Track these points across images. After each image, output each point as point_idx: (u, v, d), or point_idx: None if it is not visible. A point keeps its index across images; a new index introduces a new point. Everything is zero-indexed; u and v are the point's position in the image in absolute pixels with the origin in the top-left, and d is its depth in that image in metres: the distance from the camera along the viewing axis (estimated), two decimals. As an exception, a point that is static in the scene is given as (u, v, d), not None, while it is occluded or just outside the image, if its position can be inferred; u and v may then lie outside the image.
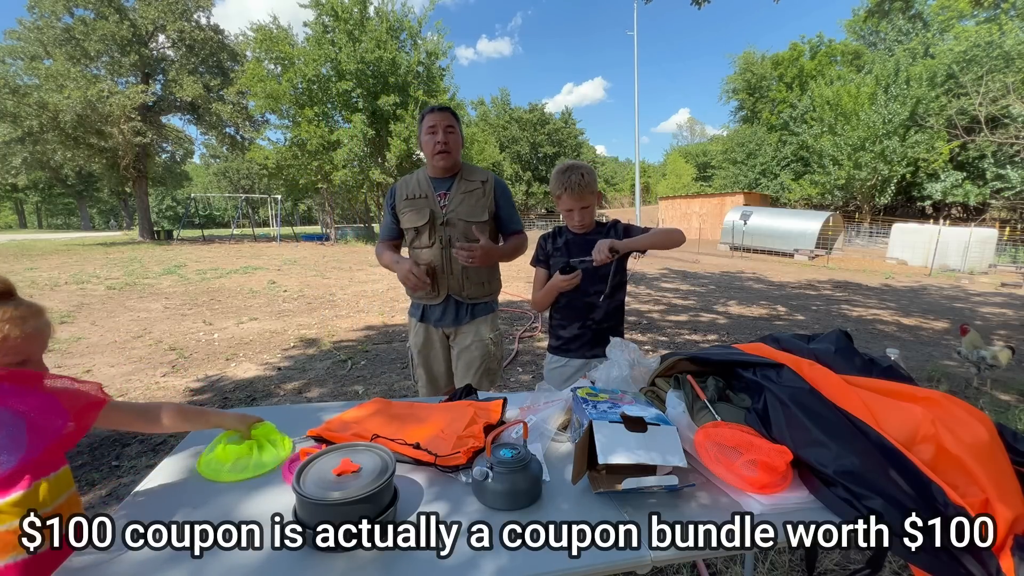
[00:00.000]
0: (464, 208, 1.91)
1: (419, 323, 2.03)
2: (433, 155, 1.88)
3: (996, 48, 19.06)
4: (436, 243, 1.91)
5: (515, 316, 6.24)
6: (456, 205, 1.91)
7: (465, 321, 1.99)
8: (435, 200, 1.91)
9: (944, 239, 13.45)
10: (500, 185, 2.01)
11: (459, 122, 1.95)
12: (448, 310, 1.98)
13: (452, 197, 1.91)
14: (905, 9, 8.16)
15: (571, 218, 1.86)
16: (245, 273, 10.20)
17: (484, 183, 1.95)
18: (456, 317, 1.99)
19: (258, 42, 18.41)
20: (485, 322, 2.02)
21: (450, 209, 1.90)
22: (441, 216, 1.90)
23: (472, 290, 1.96)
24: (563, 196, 1.81)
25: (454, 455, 1.06)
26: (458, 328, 2.00)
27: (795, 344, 1.29)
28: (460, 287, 1.95)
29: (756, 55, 34.94)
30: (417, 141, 1.98)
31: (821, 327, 6.03)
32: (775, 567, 1.86)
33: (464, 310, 1.99)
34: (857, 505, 0.87)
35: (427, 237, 1.91)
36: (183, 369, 4.12)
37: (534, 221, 35.90)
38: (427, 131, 1.89)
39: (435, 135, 1.87)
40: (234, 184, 44.02)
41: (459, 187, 1.92)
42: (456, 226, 1.89)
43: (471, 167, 2.01)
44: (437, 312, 1.99)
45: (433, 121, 1.88)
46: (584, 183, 1.77)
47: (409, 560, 0.80)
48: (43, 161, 19.20)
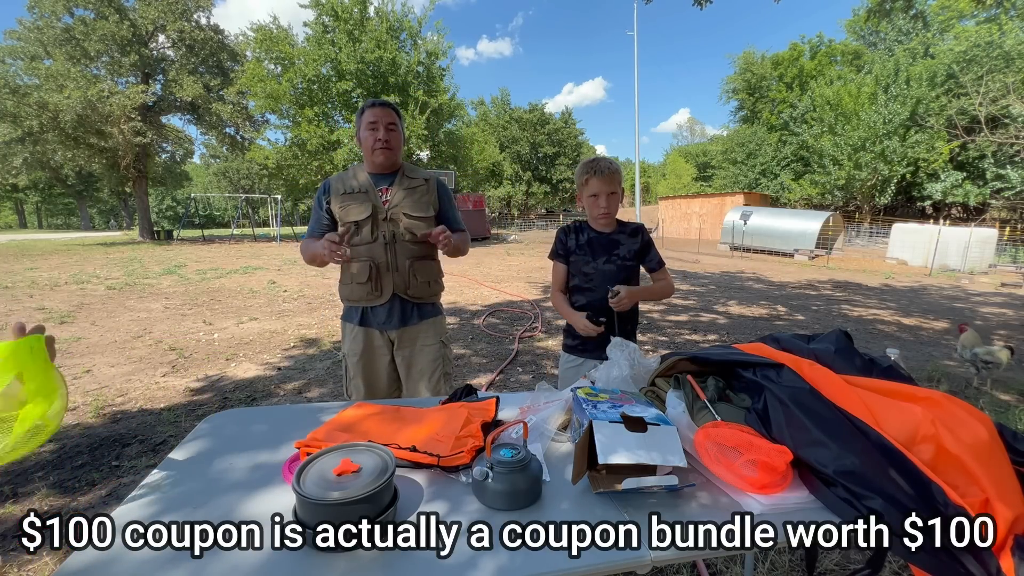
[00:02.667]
0: (408, 202, 1.84)
1: (357, 327, 1.88)
2: (372, 151, 1.80)
3: (996, 48, 19.07)
4: (379, 238, 1.82)
5: (515, 316, 6.24)
6: (399, 200, 1.83)
7: (413, 322, 1.89)
8: (376, 195, 1.83)
9: (944, 239, 13.45)
10: (443, 186, 1.96)
11: (401, 120, 1.88)
12: (393, 311, 1.86)
13: (395, 192, 1.84)
14: (906, 9, 8.15)
15: (596, 204, 1.83)
16: (245, 273, 10.20)
17: (427, 181, 1.91)
18: (403, 318, 1.87)
19: (258, 42, 18.43)
20: (435, 324, 1.93)
21: (392, 204, 1.83)
22: (384, 211, 1.82)
23: (418, 289, 1.87)
24: (591, 180, 1.81)
25: (457, 455, 1.05)
26: (404, 331, 1.88)
27: (795, 344, 1.29)
28: (406, 285, 1.84)
29: (756, 55, 34.99)
30: (356, 139, 1.90)
31: (821, 327, 6.03)
32: (775, 567, 1.87)
33: (411, 310, 1.88)
34: (857, 505, 0.87)
35: (369, 232, 1.82)
36: (183, 369, 4.12)
37: (534, 221, 35.91)
38: (367, 126, 1.80)
39: (376, 131, 1.79)
40: (234, 184, 44.02)
41: (401, 183, 1.86)
42: (399, 221, 1.82)
43: (412, 166, 1.95)
44: (381, 314, 1.86)
45: (374, 117, 1.79)
46: (613, 169, 1.81)
47: (409, 560, 0.80)
48: (43, 161, 19.20)
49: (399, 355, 1.92)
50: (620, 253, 1.88)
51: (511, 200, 38.71)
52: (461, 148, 22.27)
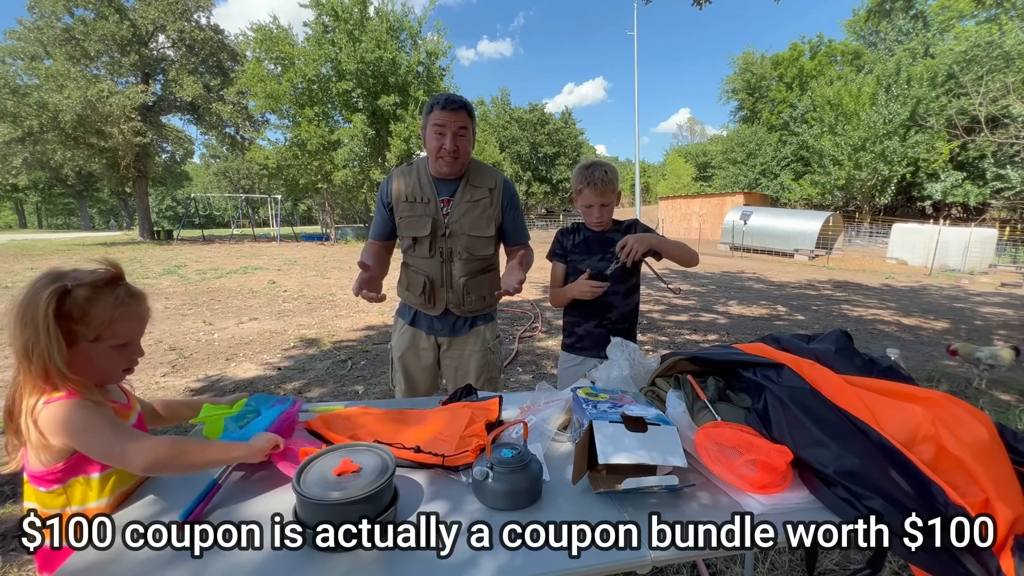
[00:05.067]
0: (468, 220, 1.72)
1: (408, 325, 1.85)
2: (437, 159, 1.66)
3: (996, 48, 19.06)
4: (436, 255, 1.73)
5: (515, 316, 6.24)
6: (460, 215, 1.71)
7: (463, 332, 1.84)
8: (438, 207, 1.71)
9: (944, 239, 13.44)
10: (509, 191, 1.81)
11: (474, 121, 1.69)
12: (445, 321, 1.82)
13: (456, 205, 1.72)
14: (906, 9, 8.15)
15: (591, 215, 1.85)
16: (245, 273, 10.20)
17: (492, 191, 1.76)
18: (453, 328, 1.83)
19: (258, 42, 18.42)
20: (484, 332, 1.87)
21: (453, 219, 1.71)
22: (443, 227, 1.71)
23: (473, 304, 1.81)
24: (585, 191, 1.81)
25: (461, 454, 1.06)
26: (453, 339, 1.84)
27: (795, 344, 1.29)
28: (460, 302, 1.78)
29: (756, 55, 34.95)
30: (422, 135, 1.73)
31: (821, 327, 6.03)
32: (775, 567, 1.86)
33: (463, 322, 1.83)
34: (857, 505, 0.87)
35: (427, 249, 1.73)
36: (183, 369, 4.12)
37: (534, 221, 35.92)
38: (433, 129, 1.64)
39: (443, 136, 1.62)
40: (234, 184, 44.02)
41: (464, 194, 1.72)
42: (459, 239, 1.72)
43: (479, 167, 1.79)
44: (434, 322, 1.82)
45: (443, 120, 1.61)
46: (607, 180, 1.79)
47: (409, 560, 0.80)
48: (43, 161, 19.23)
49: (446, 358, 1.87)
50: (615, 250, 1.88)
51: (511, 200, 38.66)
52: (461, 148, 22.22)
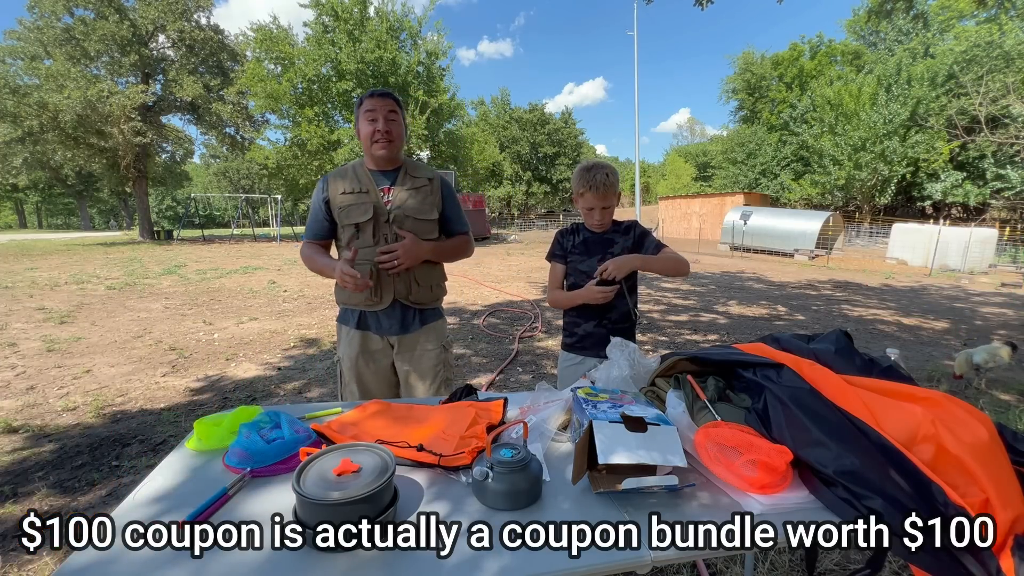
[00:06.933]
0: (412, 204, 1.73)
1: (354, 330, 1.80)
2: (372, 143, 1.69)
3: (996, 48, 19.08)
4: (381, 241, 1.71)
5: (515, 316, 6.24)
6: (402, 201, 1.72)
7: (414, 328, 1.81)
8: (379, 195, 1.72)
9: (944, 239, 13.45)
10: (447, 185, 1.85)
11: (402, 109, 1.75)
12: (394, 317, 1.78)
13: (397, 193, 1.73)
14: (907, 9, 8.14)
15: (591, 217, 1.85)
16: (245, 273, 10.20)
17: (431, 180, 1.79)
18: (403, 324, 1.80)
19: (258, 42, 18.45)
20: (435, 328, 1.86)
21: (395, 205, 1.72)
22: (386, 212, 1.71)
23: (420, 294, 1.79)
24: (585, 194, 1.81)
25: (458, 455, 1.06)
26: (404, 337, 1.81)
27: (795, 344, 1.29)
28: (407, 291, 1.76)
29: (756, 55, 34.97)
30: (356, 132, 1.77)
31: (821, 327, 6.03)
32: (775, 567, 1.87)
33: (412, 316, 1.81)
34: (857, 505, 0.87)
35: (371, 235, 1.71)
36: (183, 369, 4.12)
37: (534, 221, 35.94)
38: (366, 117, 1.69)
39: (375, 122, 1.67)
40: (234, 184, 44.05)
41: (404, 181, 1.75)
42: (403, 223, 1.72)
43: (415, 163, 1.83)
44: (381, 320, 1.79)
45: (372, 106, 1.68)
46: (608, 183, 1.79)
47: (409, 560, 0.80)
48: (43, 161, 19.21)
49: (399, 359, 1.85)
50: (615, 251, 1.88)
51: (511, 200, 38.71)
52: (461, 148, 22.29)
